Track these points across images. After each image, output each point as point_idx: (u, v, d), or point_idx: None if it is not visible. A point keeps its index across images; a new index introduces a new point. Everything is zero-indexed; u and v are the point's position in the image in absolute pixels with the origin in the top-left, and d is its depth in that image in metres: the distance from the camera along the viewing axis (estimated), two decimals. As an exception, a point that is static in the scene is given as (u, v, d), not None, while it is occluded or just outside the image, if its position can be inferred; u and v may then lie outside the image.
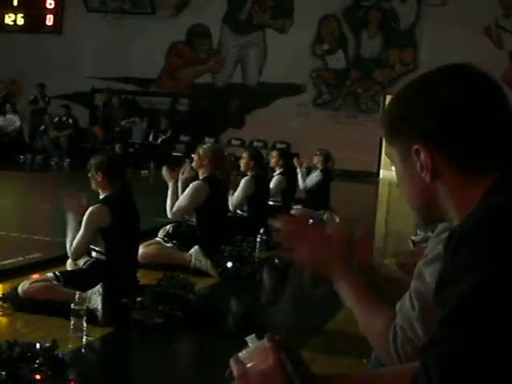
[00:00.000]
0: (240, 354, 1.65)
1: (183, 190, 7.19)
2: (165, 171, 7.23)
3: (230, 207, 8.19)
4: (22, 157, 18.07)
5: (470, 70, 1.51)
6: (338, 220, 10.18)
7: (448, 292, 1.29)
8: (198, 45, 21.09)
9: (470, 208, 1.40)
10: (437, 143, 1.46)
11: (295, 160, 11.23)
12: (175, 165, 8.41)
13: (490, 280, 1.23)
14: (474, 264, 1.26)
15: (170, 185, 7.16)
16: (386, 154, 1.64)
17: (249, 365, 1.60)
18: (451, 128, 1.45)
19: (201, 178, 7.20)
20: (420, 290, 1.80)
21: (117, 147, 16.39)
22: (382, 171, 19.00)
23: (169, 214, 7.14)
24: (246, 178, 8.49)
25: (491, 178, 1.42)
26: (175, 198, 7.11)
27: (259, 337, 1.70)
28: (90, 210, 5.35)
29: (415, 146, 1.47)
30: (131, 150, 18.09)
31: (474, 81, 1.49)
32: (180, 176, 7.33)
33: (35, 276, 5.89)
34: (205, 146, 7.40)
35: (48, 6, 22.03)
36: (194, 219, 7.17)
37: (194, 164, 7.29)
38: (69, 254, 5.45)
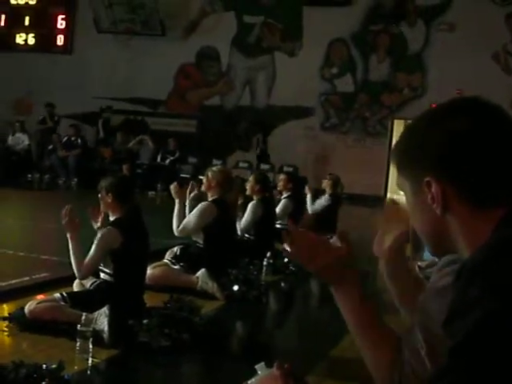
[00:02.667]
0: (249, 382, 1.65)
1: (190, 210, 7.21)
2: (173, 188, 7.25)
3: (238, 231, 8.21)
4: (29, 176, 18.12)
5: (481, 102, 1.53)
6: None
7: (459, 323, 1.29)
8: (207, 67, 21.18)
9: (481, 241, 1.40)
10: (448, 175, 1.47)
11: (306, 187, 11.26)
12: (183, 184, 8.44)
13: (501, 313, 1.23)
14: (484, 297, 1.26)
15: (177, 202, 7.17)
16: (397, 186, 1.65)
17: None
18: (462, 160, 1.46)
19: (209, 199, 7.22)
20: (426, 324, 1.80)
21: (124, 168, 16.44)
22: (388, 195, 18.99)
23: (175, 232, 7.16)
24: (253, 202, 8.49)
25: (502, 211, 1.43)
26: (182, 216, 7.12)
27: (268, 365, 1.70)
28: (101, 232, 5.36)
29: (426, 178, 1.48)
30: (139, 170, 18.13)
31: (484, 113, 1.50)
32: (187, 195, 7.37)
33: (42, 296, 5.89)
34: (214, 169, 7.43)
35: (59, 26, 22.20)
36: (201, 241, 7.18)
37: (203, 186, 7.32)
38: (76, 274, 5.44)
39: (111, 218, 5.47)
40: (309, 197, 11.04)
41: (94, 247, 5.32)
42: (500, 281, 1.26)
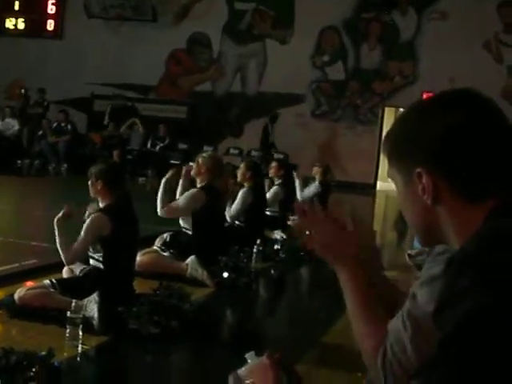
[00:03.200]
0: (239, 371, 1.65)
1: (181, 194, 7.22)
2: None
3: (228, 218, 8.20)
4: (19, 161, 18.05)
5: (473, 95, 1.52)
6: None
7: (448, 314, 1.29)
8: (198, 53, 21.13)
9: (471, 232, 1.40)
10: (439, 166, 1.47)
11: (295, 173, 11.24)
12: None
13: (491, 304, 1.24)
14: (474, 287, 1.26)
15: (163, 181, 7.15)
16: (388, 175, 1.65)
17: (247, 382, 1.61)
18: (453, 151, 1.46)
19: (198, 186, 7.21)
20: (413, 311, 1.81)
21: (115, 154, 16.41)
22: (379, 183, 19.03)
23: (159, 212, 7.09)
24: (243, 189, 8.47)
25: (492, 202, 1.43)
26: (166, 192, 7.10)
27: (258, 353, 1.70)
28: (91, 217, 5.34)
29: (417, 169, 1.48)
30: (129, 156, 18.10)
31: (476, 106, 1.50)
32: (182, 177, 7.37)
33: (31, 283, 5.89)
34: (204, 155, 7.42)
35: (49, 11, 22.07)
36: (190, 228, 7.17)
37: (192, 172, 7.30)
38: (63, 259, 5.40)
39: (101, 205, 5.46)
40: (297, 183, 11.03)
41: (83, 232, 5.31)
42: (491, 273, 1.26)
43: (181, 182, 7.43)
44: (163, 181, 7.16)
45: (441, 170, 1.46)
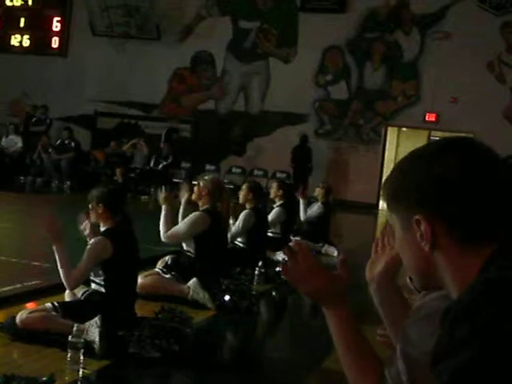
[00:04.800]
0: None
1: (183, 217, 7.23)
2: (162, 194, 7.22)
3: (229, 239, 8.21)
4: (22, 178, 18.11)
5: (471, 143, 1.55)
6: (336, 253, 10.20)
7: (444, 365, 1.31)
8: (202, 71, 21.21)
9: (468, 279, 1.42)
10: (437, 214, 1.49)
11: (299, 192, 11.27)
12: (175, 189, 8.46)
13: (486, 356, 1.25)
14: (470, 339, 1.28)
15: (164, 208, 7.16)
16: (386, 219, 1.67)
17: None
18: (451, 199, 1.48)
19: (201, 209, 7.22)
20: (407, 353, 1.81)
21: (118, 172, 16.44)
22: (381, 202, 19.02)
23: (162, 237, 7.12)
24: (245, 211, 8.49)
25: (489, 249, 1.45)
26: (169, 221, 7.11)
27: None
28: (92, 241, 5.35)
29: (416, 216, 1.50)
30: (132, 174, 18.13)
31: (473, 153, 1.52)
32: (181, 200, 7.38)
33: (34, 305, 5.89)
34: (206, 177, 7.43)
35: (54, 28, 22.21)
36: (192, 251, 7.18)
37: (193, 196, 7.32)
38: (65, 284, 5.40)
39: (102, 229, 5.47)
40: (302, 203, 11.07)
41: (85, 257, 5.31)
42: (487, 325, 1.28)
43: (182, 202, 7.45)
44: (164, 207, 7.15)
45: (439, 217, 1.48)
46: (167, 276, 7.10)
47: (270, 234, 9.32)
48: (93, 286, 5.45)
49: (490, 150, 1.54)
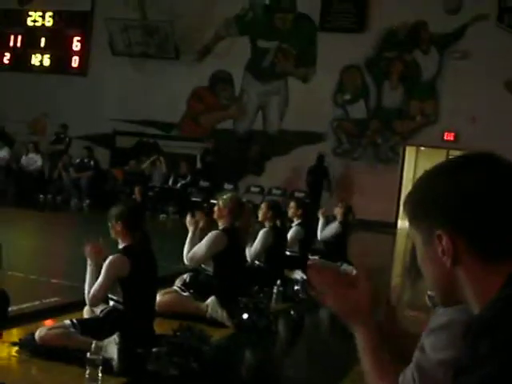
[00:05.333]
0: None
1: (201, 238, 7.23)
2: (188, 218, 7.30)
3: (248, 258, 8.21)
4: (42, 196, 18.22)
5: (494, 159, 1.54)
6: (354, 272, 10.16)
7: (465, 379, 1.31)
8: (221, 91, 21.29)
9: (489, 295, 1.42)
10: (459, 229, 1.49)
11: (320, 211, 11.28)
12: (195, 209, 8.49)
13: (507, 371, 1.26)
14: (492, 355, 1.28)
15: (191, 230, 7.21)
16: (408, 234, 1.67)
17: None
18: (474, 216, 1.47)
19: (220, 228, 7.23)
20: (421, 362, 1.83)
21: (136, 190, 16.50)
22: (399, 222, 18.96)
23: (185, 260, 7.17)
24: (264, 229, 8.50)
25: (511, 266, 1.45)
26: (194, 244, 7.14)
27: None
28: (110, 258, 5.38)
29: (438, 231, 1.50)
30: (150, 193, 18.18)
31: (497, 170, 1.52)
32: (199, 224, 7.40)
33: (52, 322, 5.92)
34: (224, 197, 7.43)
35: (74, 48, 22.40)
36: (211, 269, 7.18)
37: (214, 214, 7.33)
38: (86, 300, 5.48)
39: (120, 246, 5.50)
40: (321, 221, 11.06)
41: (102, 275, 5.34)
42: (506, 341, 1.28)
43: (198, 227, 7.43)
44: (191, 229, 7.21)
45: (461, 233, 1.48)
46: (185, 294, 7.10)
47: (288, 253, 9.31)
48: (111, 303, 5.47)
49: None
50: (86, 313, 5.76)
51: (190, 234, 7.21)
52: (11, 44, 22.94)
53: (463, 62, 19.08)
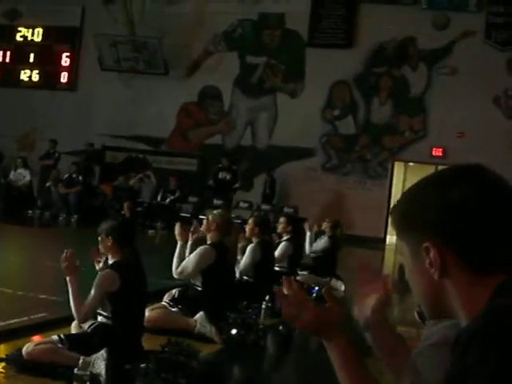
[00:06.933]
0: None
1: (191, 252, 7.22)
2: (178, 229, 7.28)
3: (237, 274, 8.20)
4: (30, 212, 18.14)
5: (482, 170, 1.54)
6: (343, 287, 10.15)
7: None
8: (209, 106, 21.33)
9: (477, 307, 1.42)
10: (447, 242, 1.48)
11: (306, 224, 11.27)
12: (186, 223, 8.46)
13: (497, 381, 1.25)
14: (481, 365, 1.28)
15: (180, 244, 7.20)
16: (395, 247, 1.67)
17: None
18: (462, 228, 1.47)
19: (208, 243, 7.22)
20: (415, 382, 1.81)
21: (125, 206, 16.46)
22: (388, 237, 18.98)
23: (174, 274, 7.16)
24: (251, 244, 8.49)
25: (498, 277, 1.45)
26: (183, 257, 7.13)
27: None
28: (101, 274, 5.37)
29: (425, 244, 1.50)
30: (139, 208, 18.14)
31: (485, 182, 1.51)
32: (190, 236, 7.37)
33: (40, 337, 5.87)
34: (214, 212, 7.44)
35: (63, 63, 22.41)
36: (199, 284, 7.16)
37: (202, 228, 7.33)
38: (75, 316, 5.43)
39: (110, 261, 5.48)
40: (308, 235, 11.05)
41: (92, 290, 5.32)
42: (497, 351, 1.28)
43: (192, 238, 7.44)
44: (179, 244, 7.20)
45: (448, 245, 1.48)
46: (174, 309, 7.08)
47: (276, 268, 9.29)
48: (99, 318, 5.44)
49: (502, 180, 1.54)
50: (73, 328, 5.72)
51: (178, 247, 7.18)
52: (0, 59, 22.92)
53: (451, 78, 19.19)
